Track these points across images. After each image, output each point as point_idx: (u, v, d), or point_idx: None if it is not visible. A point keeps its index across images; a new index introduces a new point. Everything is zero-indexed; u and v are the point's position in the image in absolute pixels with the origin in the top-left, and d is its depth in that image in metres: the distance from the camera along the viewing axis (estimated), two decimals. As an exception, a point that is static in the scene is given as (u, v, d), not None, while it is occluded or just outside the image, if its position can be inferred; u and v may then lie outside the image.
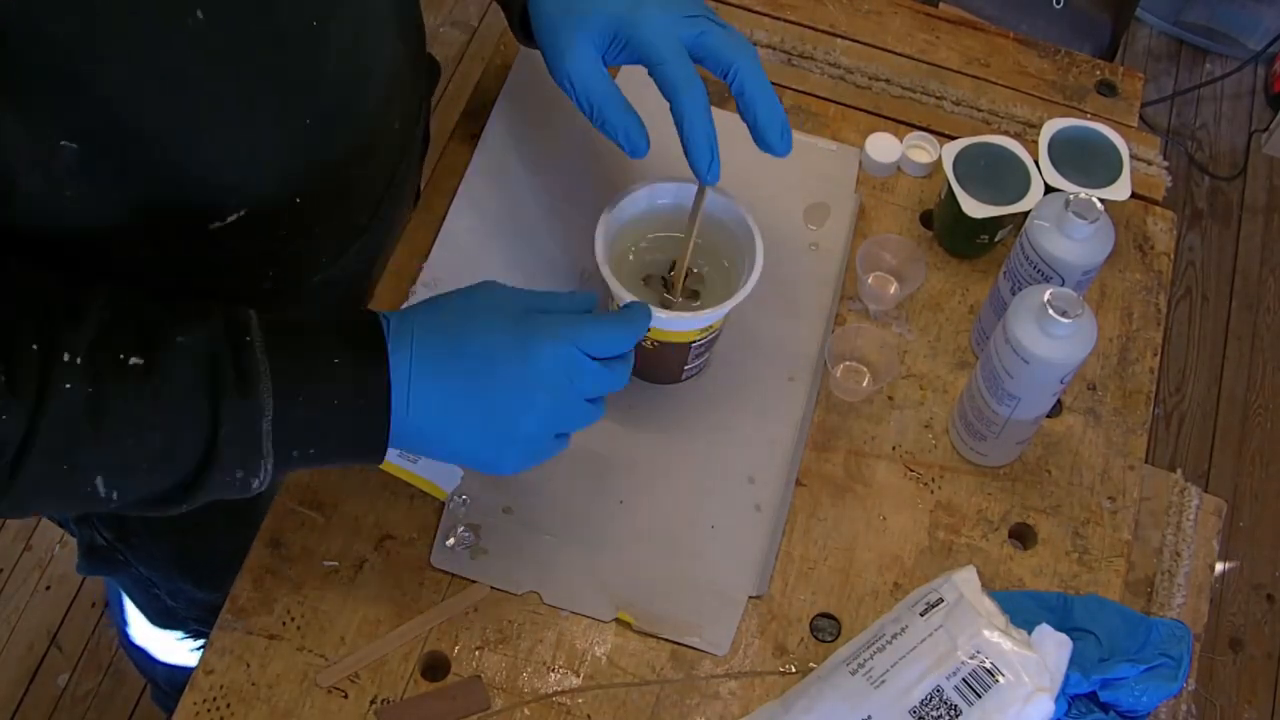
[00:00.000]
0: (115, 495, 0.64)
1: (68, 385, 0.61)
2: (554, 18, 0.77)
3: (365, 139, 0.82)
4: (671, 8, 0.77)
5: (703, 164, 0.78)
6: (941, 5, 1.51)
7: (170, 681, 1.45)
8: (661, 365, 0.90)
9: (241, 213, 0.74)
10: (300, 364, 0.67)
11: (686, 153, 0.78)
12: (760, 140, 0.79)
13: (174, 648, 1.36)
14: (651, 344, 0.86)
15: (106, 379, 0.62)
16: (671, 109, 0.77)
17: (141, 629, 1.34)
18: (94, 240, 0.70)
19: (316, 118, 0.75)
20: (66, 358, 0.61)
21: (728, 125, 1.06)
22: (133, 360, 0.62)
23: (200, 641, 1.31)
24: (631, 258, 0.88)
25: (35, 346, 0.60)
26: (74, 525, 1.03)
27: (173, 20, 0.61)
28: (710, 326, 0.86)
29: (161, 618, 1.29)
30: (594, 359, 0.72)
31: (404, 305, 0.93)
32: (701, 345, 0.88)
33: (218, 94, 0.67)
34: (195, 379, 0.64)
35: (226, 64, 0.66)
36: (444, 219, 0.98)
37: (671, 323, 0.83)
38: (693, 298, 0.88)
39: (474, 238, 0.97)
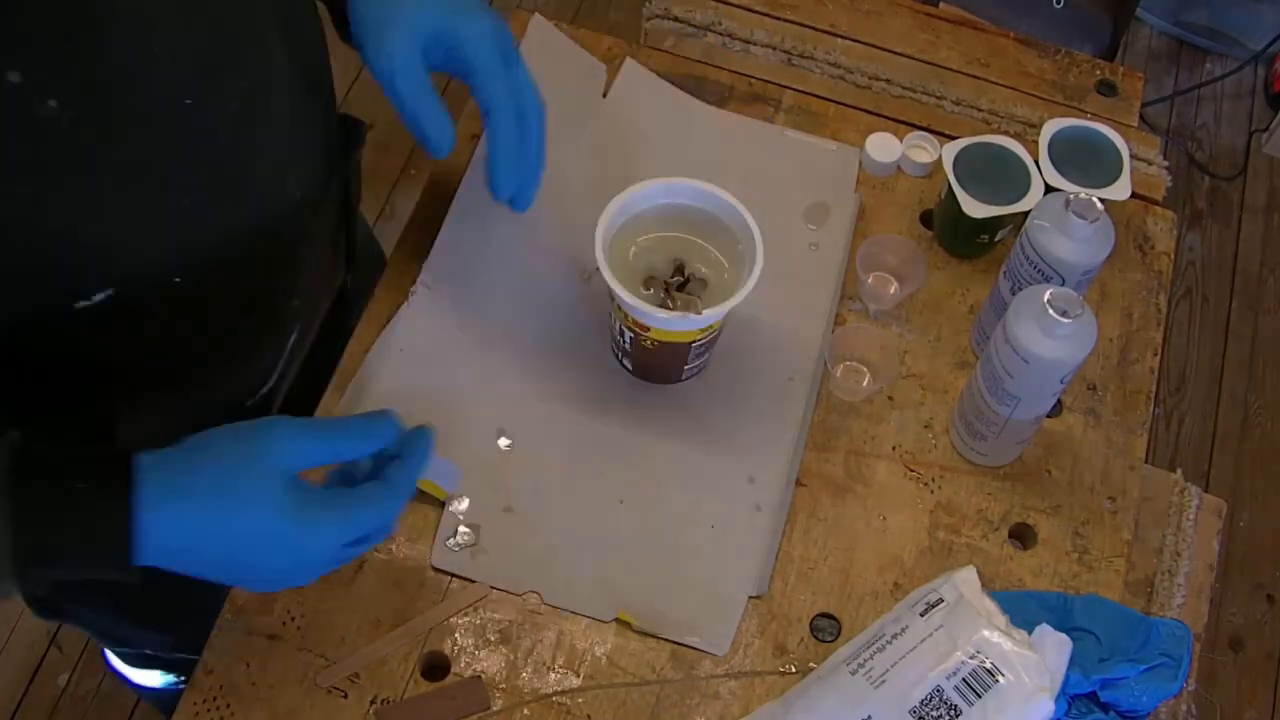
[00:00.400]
0: None
1: None
2: (376, 17, 0.77)
3: (257, 213, 0.77)
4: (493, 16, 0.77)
5: (497, 188, 0.80)
6: (941, 5, 1.51)
7: (158, 701, 1.43)
8: (662, 365, 0.90)
9: (109, 292, 0.70)
10: (46, 490, 0.63)
11: (488, 171, 0.79)
12: (491, 187, 0.81)
13: (156, 679, 1.34)
14: (652, 344, 0.86)
15: None
16: (484, 120, 0.79)
17: (119, 663, 1.32)
18: None
19: (196, 195, 0.71)
20: None
21: (728, 125, 1.07)
22: None
23: (183, 678, 1.28)
24: (632, 257, 0.88)
25: None
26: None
27: (22, 110, 0.59)
28: (710, 326, 0.86)
29: (136, 660, 1.26)
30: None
31: (404, 305, 0.93)
32: (701, 345, 0.88)
33: (80, 181, 0.64)
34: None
35: (87, 150, 0.63)
36: (444, 219, 0.98)
37: (671, 323, 0.83)
38: (691, 296, 0.88)
39: (474, 238, 0.97)
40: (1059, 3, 1.85)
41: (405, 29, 0.77)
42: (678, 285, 0.87)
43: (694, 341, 0.86)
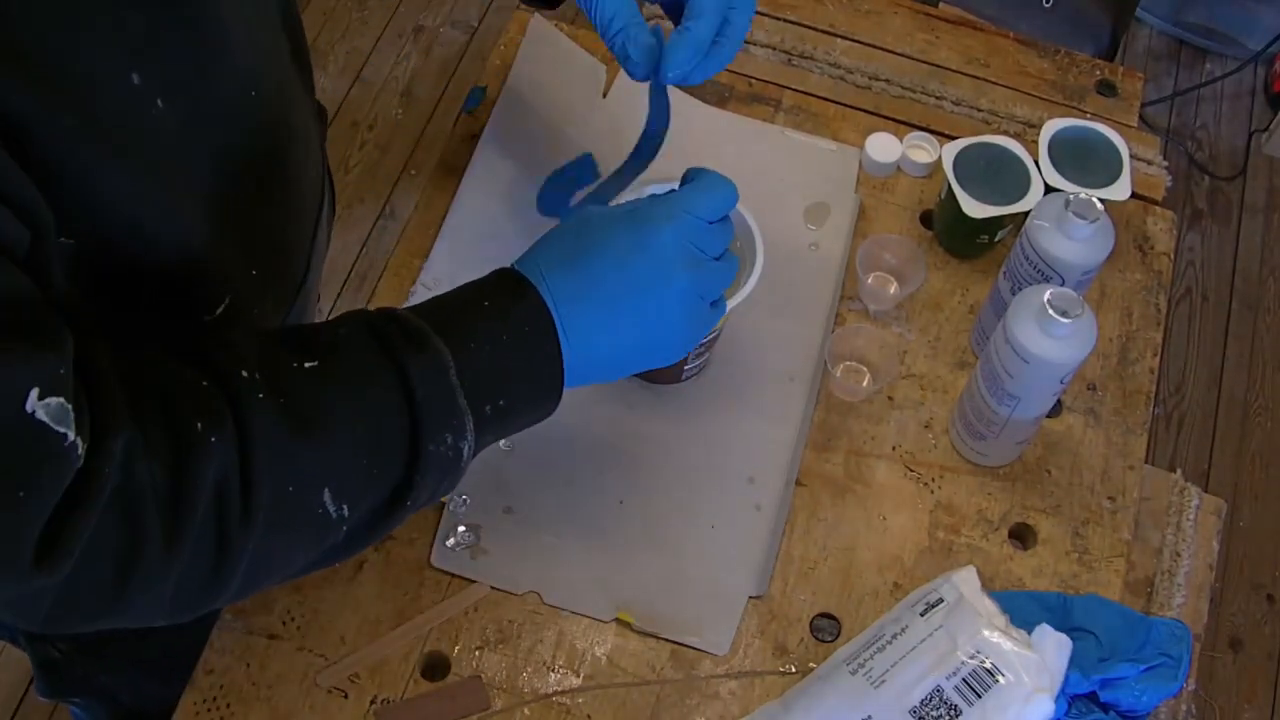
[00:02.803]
0: (346, 510, 0.63)
1: (260, 396, 0.59)
2: None
3: (294, 199, 0.82)
4: None
5: (673, 66, 0.77)
6: (941, 5, 1.51)
7: None
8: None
9: (228, 302, 0.73)
10: (455, 317, 0.67)
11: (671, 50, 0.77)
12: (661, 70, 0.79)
13: None
14: None
15: (289, 386, 0.61)
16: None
17: None
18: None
19: (259, 187, 0.74)
20: (244, 374, 0.60)
21: (728, 125, 1.06)
22: (306, 365, 0.62)
23: None
24: None
25: (206, 383, 0.59)
26: (26, 643, 0.99)
27: (142, 112, 0.61)
28: (717, 325, 0.86)
29: None
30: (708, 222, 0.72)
31: (404, 304, 0.93)
32: (702, 345, 0.88)
33: (190, 181, 0.66)
34: (370, 358, 0.63)
35: (193, 151, 0.65)
36: (444, 218, 0.98)
37: None
38: None
39: (475, 237, 0.97)
40: (1048, 2, 1.85)
41: None
42: None
43: None
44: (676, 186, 0.80)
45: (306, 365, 0.62)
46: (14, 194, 0.53)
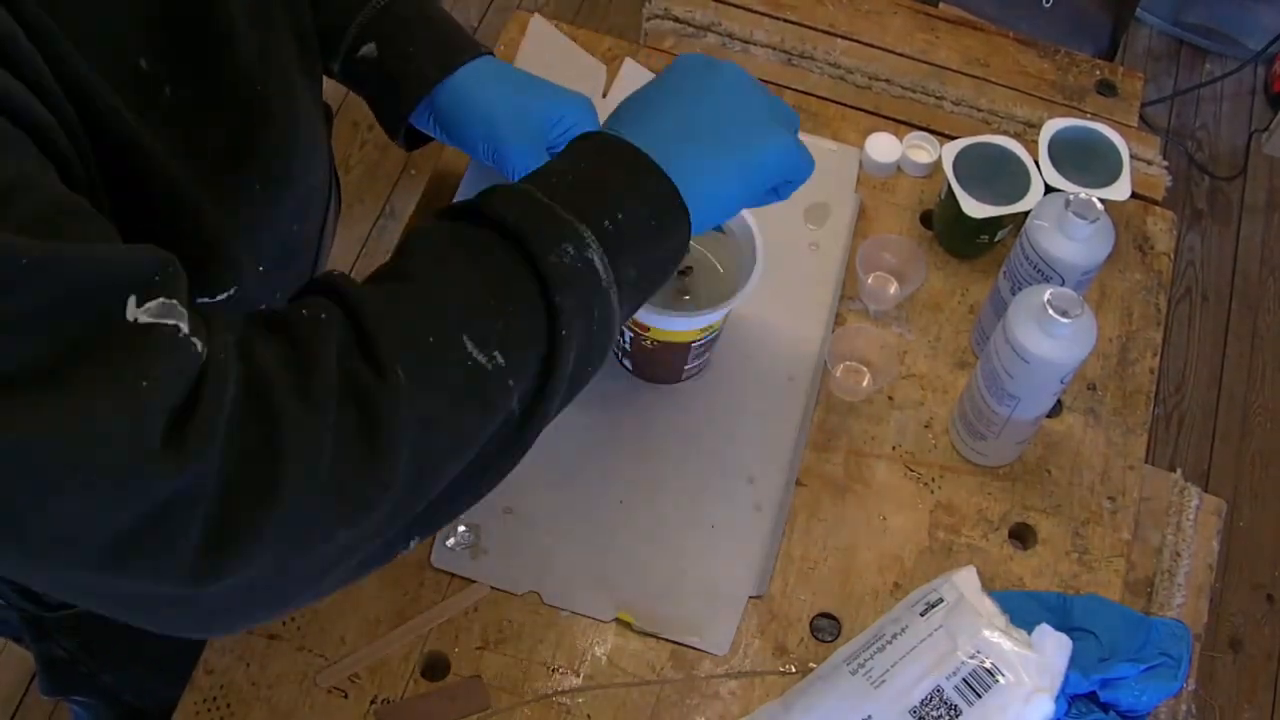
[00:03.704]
0: (500, 357, 0.57)
1: (357, 283, 0.57)
2: (499, 123, 0.84)
3: (302, 196, 0.82)
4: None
5: None
6: (941, 5, 1.51)
7: None
8: (662, 365, 0.90)
9: (232, 290, 0.73)
10: (523, 176, 0.65)
11: None
12: None
13: None
14: (651, 343, 0.86)
15: (381, 273, 0.59)
16: None
17: None
18: None
19: (264, 182, 0.75)
20: (334, 273, 0.58)
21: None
22: (394, 257, 0.60)
23: None
24: None
25: (302, 297, 0.57)
26: (31, 641, 0.98)
27: (150, 98, 0.61)
28: (710, 326, 0.86)
29: None
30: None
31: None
32: (702, 345, 0.88)
33: (197, 168, 0.66)
34: (447, 223, 0.61)
35: (198, 138, 0.66)
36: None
37: (672, 322, 0.83)
38: (679, 297, 0.89)
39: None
40: (1048, 2, 1.85)
41: (527, 132, 0.83)
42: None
43: (694, 342, 0.86)
44: None
45: (392, 261, 0.60)
46: (69, 138, 0.53)
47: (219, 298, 0.72)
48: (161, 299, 0.49)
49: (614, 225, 0.62)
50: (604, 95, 1.06)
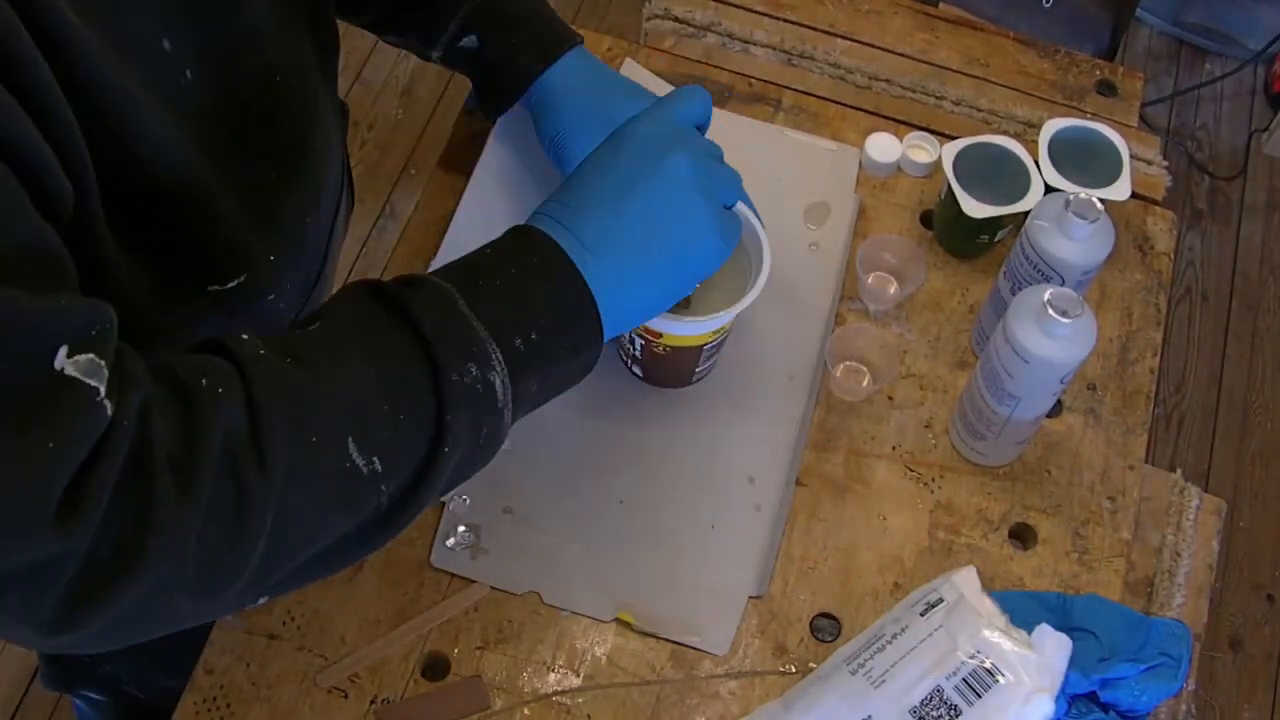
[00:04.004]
0: (378, 463, 0.59)
1: (262, 352, 0.57)
2: (572, 118, 0.85)
3: (316, 188, 0.82)
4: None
5: None
6: (941, 5, 1.51)
7: None
8: (674, 370, 0.90)
9: (242, 278, 0.74)
10: (455, 264, 0.66)
11: None
12: None
13: None
14: (663, 349, 0.86)
15: (292, 343, 0.59)
16: None
17: None
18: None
19: (279, 172, 0.75)
20: (245, 338, 0.58)
21: (728, 125, 1.06)
22: (306, 328, 0.61)
23: None
24: None
25: (209, 352, 0.58)
26: None
27: (172, 80, 0.62)
28: (721, 329, 0.86)
29: None
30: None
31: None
32: (713, 347, 0.88)
33: (216, 157, 0.67)
34: (368, 307, 0.62)
35: (215, 123, 0.66)
36: (444, 218, 0.98)
37: (684, 327, 0.83)
38: (684, 302, 0.89)
39: (481, 237, 0.96)
40: (1048, 2, 1.85)
41: (593, 135, 0.81)
42: None
43: (705, 345, 0.86)
44: None
45: (307, 328, 0.61)
46: (64, 149, 0.53)
47: (229, 285, 0.73)
48: (91, 356, 0.50)
49: (525, 344, 0.64)
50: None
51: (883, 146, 1.05)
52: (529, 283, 0.65)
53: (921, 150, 1.06)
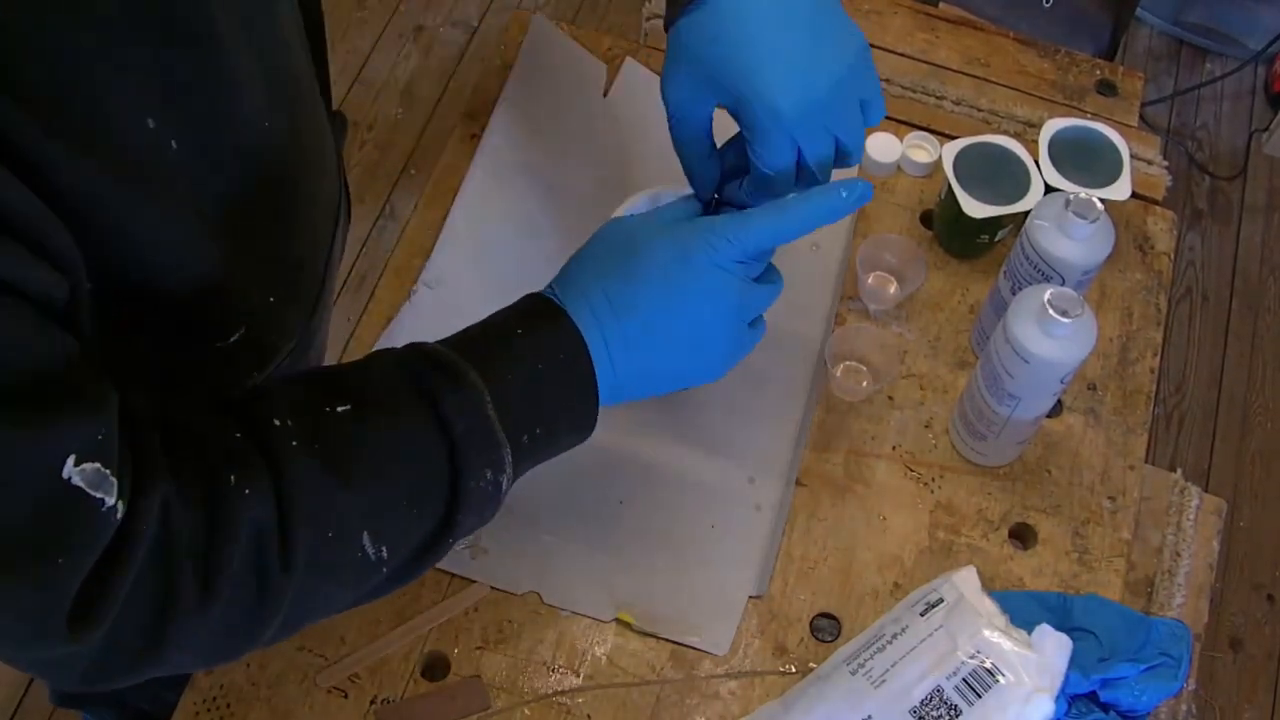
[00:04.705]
0: (385, 552, 0.62)
1: (294, 444, 0.59)
2: (697, 45, 0.72)
3: (310, 220, 0.81)
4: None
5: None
6: (941, 5, 1.51)
7: None
8: None
9: (241, 331, 0.73)
10: (487, 348, 0.67)
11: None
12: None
13: None
14: None
15: (323, 431, 0.61)
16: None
17: None
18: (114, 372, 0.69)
19: (274, 217, 0.74)
20: (277, 423, 0.59)
21: (728, 124, 1.06)
22: (339, 409, 0.62)
23: None
24: None
25: (239, 434, 0.59)
26: None
27: (158, 155, 0.60)
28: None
29: None
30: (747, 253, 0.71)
31: (404, 304, 0.93)
32: None
33: (200, 222, 0.65)
34: (404, 397, 0.63)
35: (198, 187, 0.64)
36: (445, 218, 0.98)
37: None
38: None
39: (476, 237, 0.97)
40: (1048, 2, 1.85)
41: (698, 80, 0.72)
42: None
43: None
44: (686, 189, 0.81)
45: (339, 409, 0.62)
46: (52, 245, 0.52)
47: (231, 339, 0.72)
48: (97, 465, 0.51)
49: (531, 440, 0.67)
50: (604, 95, 1.06)
51: (883, 146, 1.05)
52: (550, 380, 0.67)
53: (921, 150, 1.06)
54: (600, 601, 0.84)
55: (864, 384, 0.95)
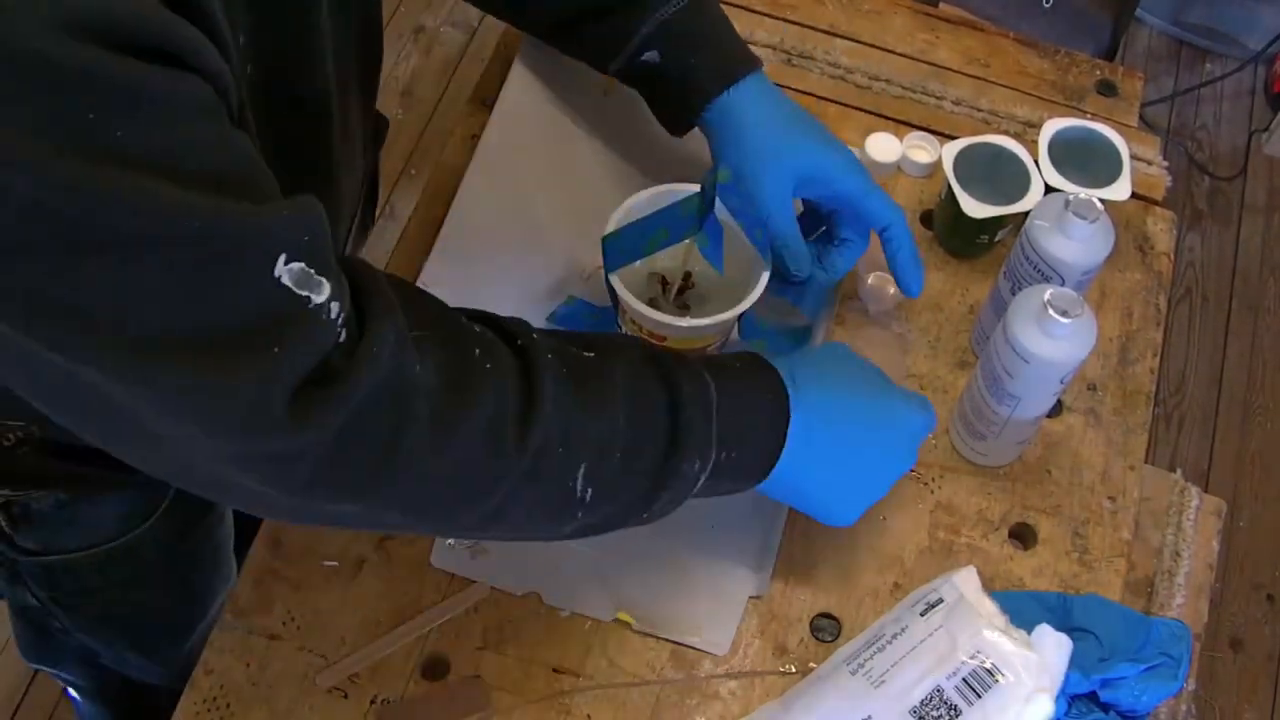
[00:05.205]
0: (590, 495, 0.65)
1: (549, 356, 0.63)
2: (755, 150, 0.86)
3: (331, 198, 0.82)
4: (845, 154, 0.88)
5: (913, 287, 0.90)
6: (941, 5, 1.51)
7: None
8: None
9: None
10: (719, 365, 0.72)
11: (895, 268, 0.89)
12: (903, 286, 0.91)
13: None
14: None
15: (572, 361, 0.65)
16: (882, 234, 0.88)
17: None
18: None
19: (299, 173, 0.75)
20: (533, 334, 0.64)
21: (728, 125, 1.06)
22: (585, 352, 0.66)
23: None
24: (639, 264, 0.88)
25: (491, 333, 0.63)
26: (4, 583, 0.98)
27: (256, 103, 0.63)
28: (724, 329, 0.86)
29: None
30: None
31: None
32: (715, 348, 0.88)
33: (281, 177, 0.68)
34: (644, 367, 0.67)
35: (278, 141, 0.66)
36: (444, 219, 0.98)
37: (689, 330, 0.83)
38: (684, 308, 0.89)
39: (475, 237, 0.97)
40: (1048, 2, 1.85)
41: (782, 172, 0.85)
42: (677, 290, 0.87)
43: (708, 346, 0.86)
44: (687, 189, 0.81)
45: (586, 354, 0.65)
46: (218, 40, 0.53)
47: None
48: (302, 265, 0.52)
49: (725, 459, 0.71)
50: (605, 94, 1.06)
51: (883, 146, 1.05)
52: (758, 414, 0.73)
53: (921, 150, 1.06)
54: (600, 601, 0.84)
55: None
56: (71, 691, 1.21)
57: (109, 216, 0.46)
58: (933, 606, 0.80)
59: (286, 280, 0.51)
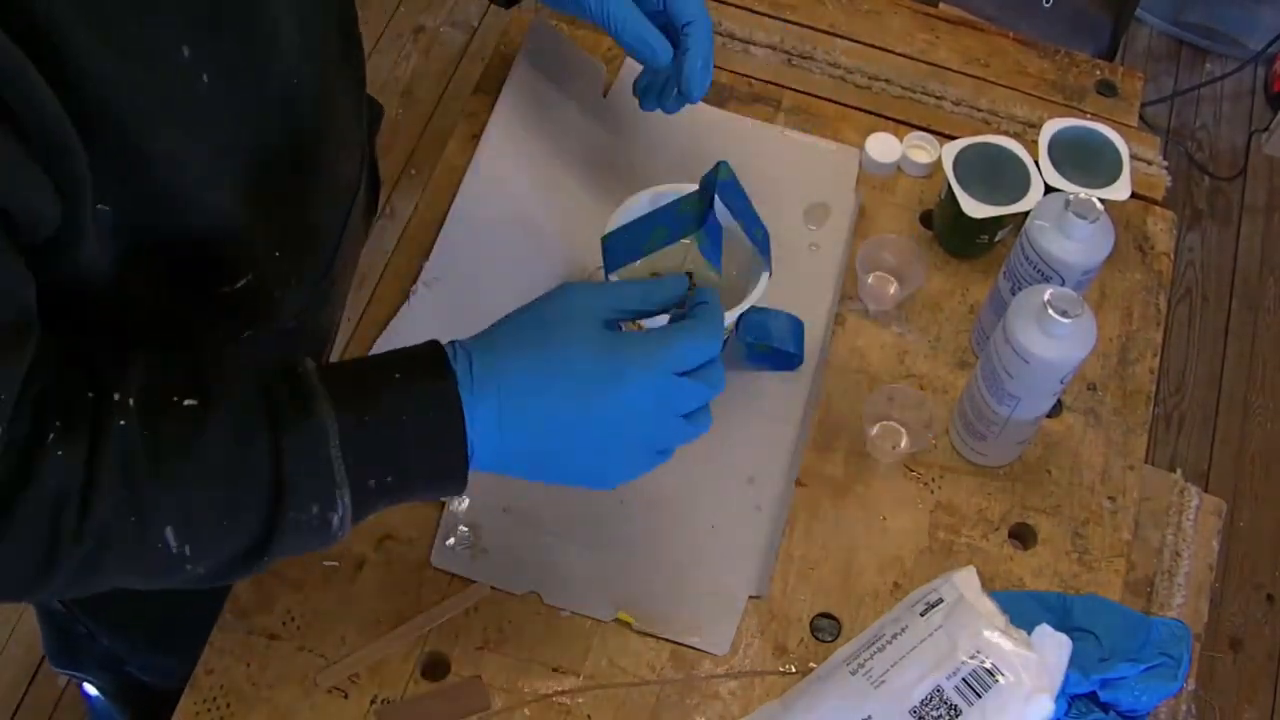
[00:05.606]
0: (189, 551, 0.61)
1: (121, 423, 0.59)
2: None
3: (326, 189, 0.82)
4: None
5: (695, 90, 0.84)
6: (941, 5, 1.51)
7: None
8: None
9: (249, 277, 0.74)
10: (360, 384, 0.64)
11: (681, 66, 0.83)
12: (684, 89, 0.85)
13: None
14: None
15: (160, 418, 0.60)
16: (682, 29, 0.83)
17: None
18: (112, 307, 0.69)
19: (293, 170, 0.75)
20: (117, 397, 0.60)
21: (728, 125, 1.06)
22: (186, 402, 0.61)
23: None
24: (639, 264, 0.88)
25: (90, 394, 0.60)
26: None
27: (188, 87, 0.62)
28: (726, 329, 0.86)
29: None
30: (687, 375, 0.68)
31: (404, 305, 0.93)
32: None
33: (228, 163, 0.68)
34: (249, 416, 0.62)
35: (231, 128, 0.66)
36: (444, 218, 0.98)
37: None
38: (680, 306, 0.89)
39: (476, 237, 0.97)
40: (1048, 2, 1.85)
41: None
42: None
43: None
44: (686, 188, 0.81)
45: (185, 403, 0.61)
46: (55, 157, 0.53)
47: (238, 285, 0.74)
48: None
49: (381, 485, 0.64)
50: (604, 95, 1.06)
51: (883, 147, 1.05)
52: (412, 436, 0.64)
53: (921, 150, 1.06)
54: (600, 601, 0.84)
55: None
56: (89, 689, 1.21)
57: None
58: (933, 606, 0.80)
59: None
